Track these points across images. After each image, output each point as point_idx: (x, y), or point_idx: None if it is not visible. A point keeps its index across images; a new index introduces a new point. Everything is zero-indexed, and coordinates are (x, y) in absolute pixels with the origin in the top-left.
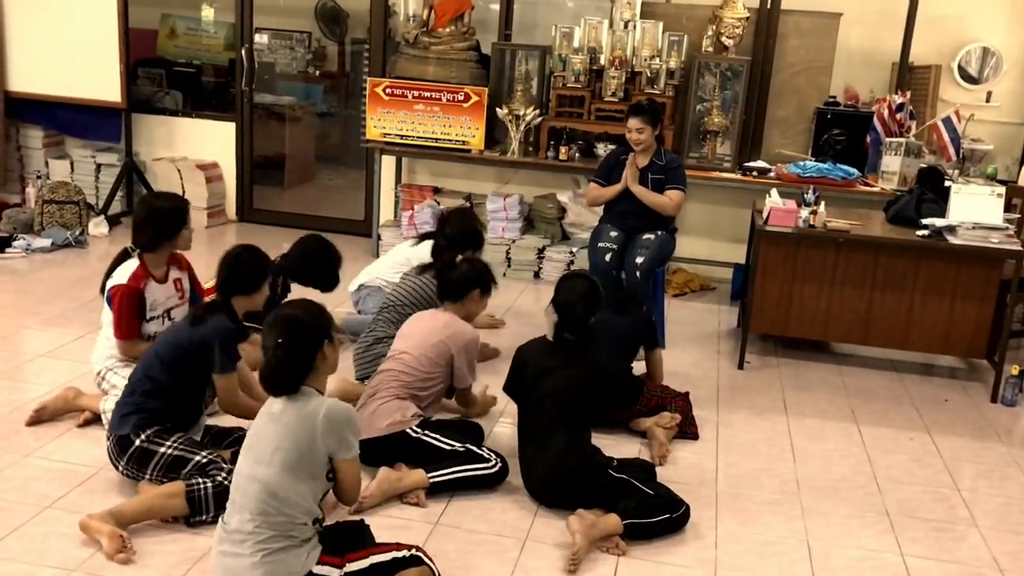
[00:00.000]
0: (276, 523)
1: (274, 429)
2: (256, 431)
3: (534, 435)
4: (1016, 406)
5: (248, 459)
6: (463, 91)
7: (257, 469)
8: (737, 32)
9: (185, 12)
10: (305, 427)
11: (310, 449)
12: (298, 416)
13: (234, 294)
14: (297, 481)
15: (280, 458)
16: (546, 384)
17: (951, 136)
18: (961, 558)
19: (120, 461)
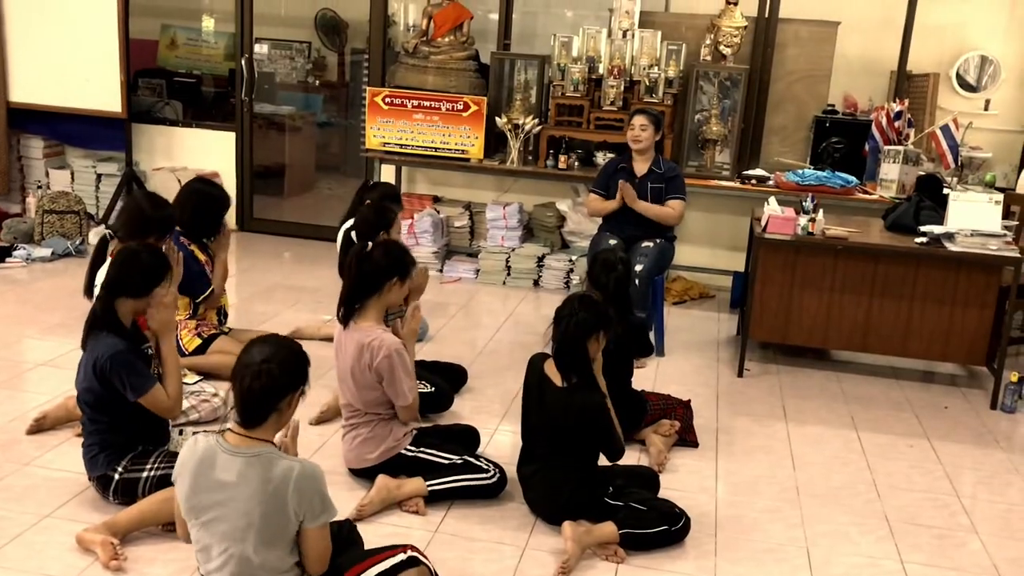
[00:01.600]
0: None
1: (238, 501)
2: (198, 502)
3: (532, 454)
4: (1016, 413)
5: (215, 533)
6: (462, 100)
7: (232, 546)
8: (735, 41)
9: (185, 23)
10: (277, 496)
11: (282, 518)
12: (264, 484)
13: (121, 296)
14: (274, 549)
15: (253, 534)
16: (544, 407)
17: (949, 144)
18: (961, 565)
19: (108, 497)
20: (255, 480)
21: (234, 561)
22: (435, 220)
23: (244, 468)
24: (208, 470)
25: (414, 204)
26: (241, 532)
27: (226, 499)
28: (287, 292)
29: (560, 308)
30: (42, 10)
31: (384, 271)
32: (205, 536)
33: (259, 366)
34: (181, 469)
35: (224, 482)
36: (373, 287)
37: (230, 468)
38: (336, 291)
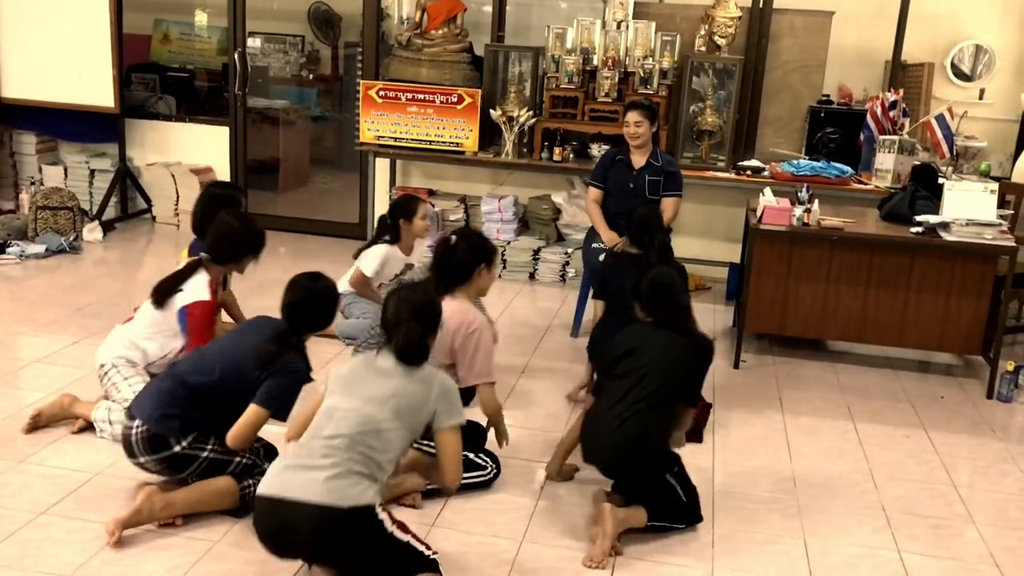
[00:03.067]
0: (365, 454)
1: (386, 382)
2: (355, 379)
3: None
4: (1012, 402)
5: (354, 398)
6: (456, 93)
7: (367, 407)
8: (730, 31)
9: (178, 17)
10: (421, 387)
11: (421, 406)
12: (413, 377)
13: (309, 331)
14: (400, 428)
15: (393, 404)
16: (633, 363)
17: (944, 133)
18: (958, 554)
19: (145, 455)
20: (405, 373)
21: (360, 416)
22: (430, 214)
23: (397, 363)
24: (370, 362)
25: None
26: (382, 399)
27: (377, 380)
28: (282, 286)
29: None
30: (34, 5)
31: (472, 260)
32: (340, 400)
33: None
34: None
35: (383, 368)
36: (463, 277)
37: (387, 361)
38: None
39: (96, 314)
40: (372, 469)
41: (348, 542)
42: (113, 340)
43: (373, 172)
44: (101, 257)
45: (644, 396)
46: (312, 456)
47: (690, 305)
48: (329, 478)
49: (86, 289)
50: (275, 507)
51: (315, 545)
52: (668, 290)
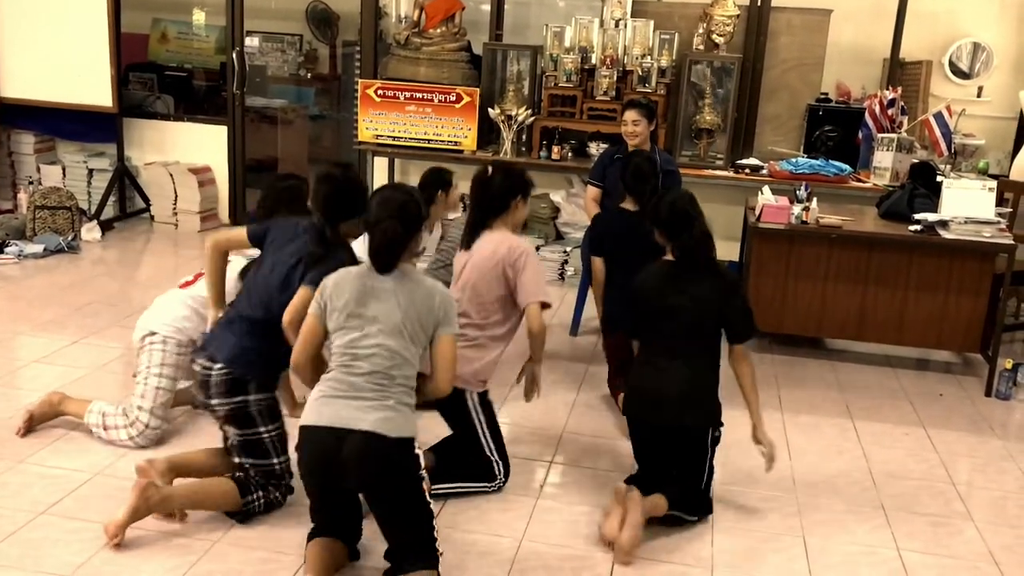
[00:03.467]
0: (402, 384)
1: (392, 305)
2: (363, 305)
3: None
4: (1011, 399)
5: (372, 333)
6: (455, 92)
7: (389, 341)
8: (728, 30)
9: (176, 16)
10: (426, 302)
11: (427, 321)
12: (415, 293)
13: (344, 219)
14: (418, 347)
15: (408, 330)
16: (666, 309)
17: (943, 131)
18: (957, 552)
19: (219, 398)
20: (409, 285)
21: (387, 351)
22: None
23: (399, 278)
24: (368, 281)
25: None
26: (398, 327)
27: (385, 302)
28: None
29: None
30: (32, 5)
31: (509, 191)
32: (354, 336)
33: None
34: (338, 287)
35: (383, 288)
36: (500, 208)
37: (386, 280)
38: None
39: (95, 313)
40: (408, 394)
41: (390, 473)
42: (168, 307)
43: (372, 171)
44: (99, 257)
45: (694, 347)
46: (359, 390)
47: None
48: (378, 410)
49: (84, 289)
50: (327, 435)
51: (362, 473)
52: (688, 214)
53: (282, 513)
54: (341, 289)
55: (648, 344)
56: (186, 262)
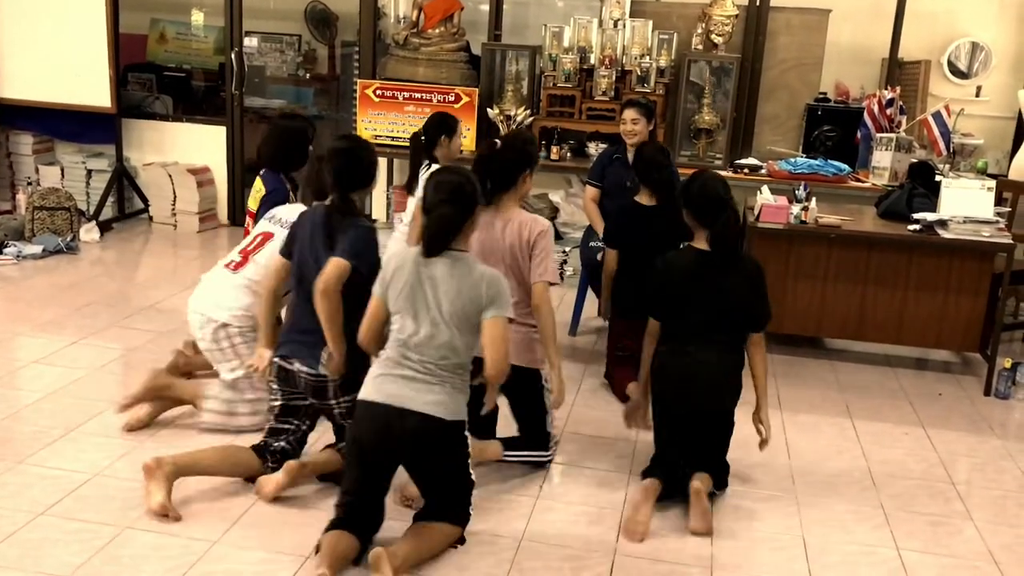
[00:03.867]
0: (451, 370)
1: (444, 292)
2: (414, 296)
3: (687, 349)
4: (1010, 399)
5: (423, 322)
6: (454, 92)
7: (439, 331)
8: (727, 30)
9: (175, 17)
10: (474, 290)
11: (473, 308)
12: (465, 280)
13: (357, 189)
14: (469, 333)
15: (457, 319)
16: (698, 297)
17: (941, 131)
18: (957, 552)
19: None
20: (459, 274)
21: (436, 340)
22: None
23: (451, 266)
24: (422, 268)
25: (406, 197)
26: (444, 317)
27: (435, 292)
28: None
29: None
30: (31, 5)
31: (516, 166)
32: (411, 323)
33: (437, 210)
34: (398, 272)
35: (435, 276)
36: (508, 183)
37: (439, 267)
38: None
39: (94, 314)
40: (462, 378)
41: (441, 452)
42: (229, 293)
43: None
44: (98, 257)
45: (726, 333)
46: (415, 371)
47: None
48: (432, 393)
49: (83, 289)
50: (385, 411)
51: (415, 450)
52: (721, 198)
53: (281, 514)
54: (400, 274)
55: (675, 330)
56: (185, 263)
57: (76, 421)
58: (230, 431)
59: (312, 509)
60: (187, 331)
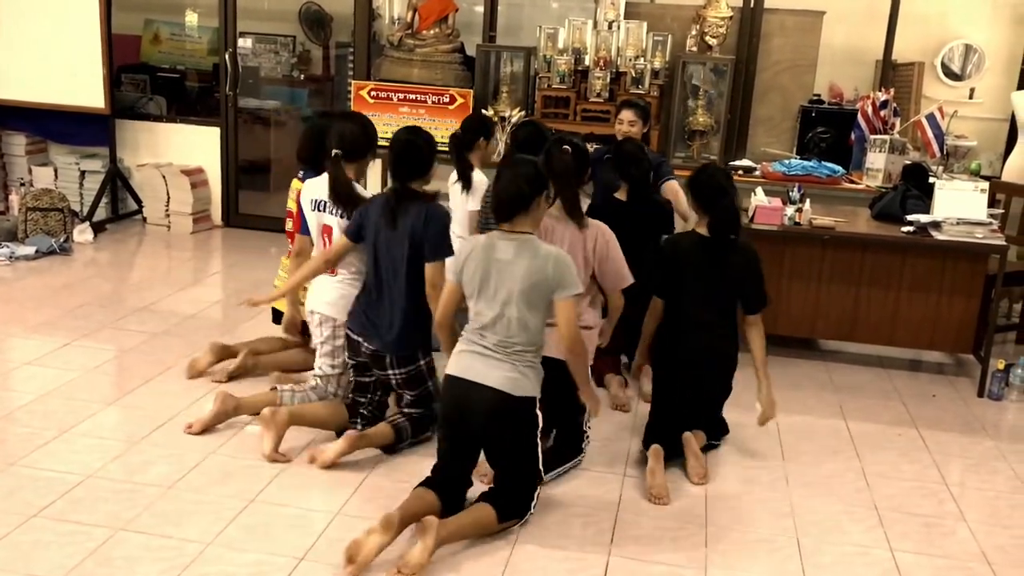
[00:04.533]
0: (526, 349)
1: (511, 275)
2: (486, 279)
3: (702, 322)
4: (1003, 400)
5: (495, 303)
6: (448, 93)
7: (509, 311)
8: (721, 31)
9: (169, 17)
10: (540, 267)
11: (545, 286)
12: (532, 262)
13: (413, 179)
14: (539, 313)
15: (526, 299)
16: (697, 277)
17: (935, 133)
18: (950, 553)
19: (394, 369)
20: (526, 256)
21: (505, 320)
22: None
23: (518, 248)
24: (490, 253)
25: None
26: (514, 297)
27: (504, 274)
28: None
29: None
30: (24, 6)
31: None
32: (484, 306)
33: (511, 178)
34: (471, 258)
35: (502, 260)
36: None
37: (507, 250)
38: None
39: (87, 315)
40: (534, 356)
41: (511, 427)
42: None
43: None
44: (92, 258)
45: (724, 311)
46: (489, 348)
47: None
48: (506, 371)
49: (77, 291)
50: (462, 386)
51: (488, 424)
52: (723, 187)
53: (275, 516)
54: (471, 260)
55: (675, 308)
56: (179, 264)
57: (69, 423)
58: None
59: (306, 511)
60: (180, 332)
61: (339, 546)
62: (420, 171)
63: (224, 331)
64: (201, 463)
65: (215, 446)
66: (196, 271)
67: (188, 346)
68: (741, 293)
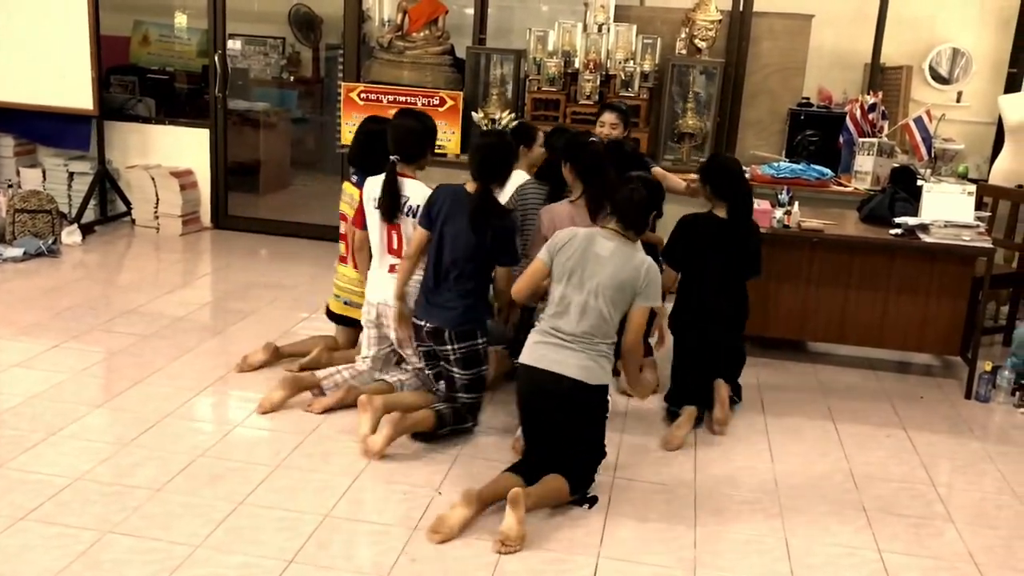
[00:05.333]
0: (601, 340)
1: (605, 269)
2: (579, 267)
3: (697, 295)
4: (990, 402)
5: (583, 291)
6: (438, 95)
7: (595, 302)
8: (710, 35)
9: (158, 19)
10: (632, 272)
11: (628, 289)
12: (628, 263)
13: (497, 181)
14: (616, 309)
15: (611, 295)
16: (714, 254)
17: (923, 136)
18: (938, 553)
19: (452, 344)
20: (622, 257)
21: (589, 309)
22: None
23: (617, 248)
24: (590, 246)
25: None
26: (601, 289)
27: (598, 267)
28: (264, 290)
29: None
30: (12, 7)
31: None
32: (571, 292)
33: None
34: (568, 244)
35: (600, 255)
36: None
37: (606, 247)
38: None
39: (76, 318)
40: (609, 348)
41: (585, 413)
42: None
43: None
44: (80, 260)
45: (729, 281)
46: (566, 339)
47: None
48: (583, 360)
49: (65, 293)
50: (537, 375)
51: (563, 409)
52: (739, 175)
53: (263, 518)
54: (569, 247)
55: (692, 279)
56: (168, 266)
57: (57, 425)
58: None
59: (295, 513)
60: (169, 334)
61: (328, 549)
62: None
63: (214, 333)
64: (189, 465)
65: (204, 448)
66: (185, 273)
67: (177, 348)
68: (748, 264)
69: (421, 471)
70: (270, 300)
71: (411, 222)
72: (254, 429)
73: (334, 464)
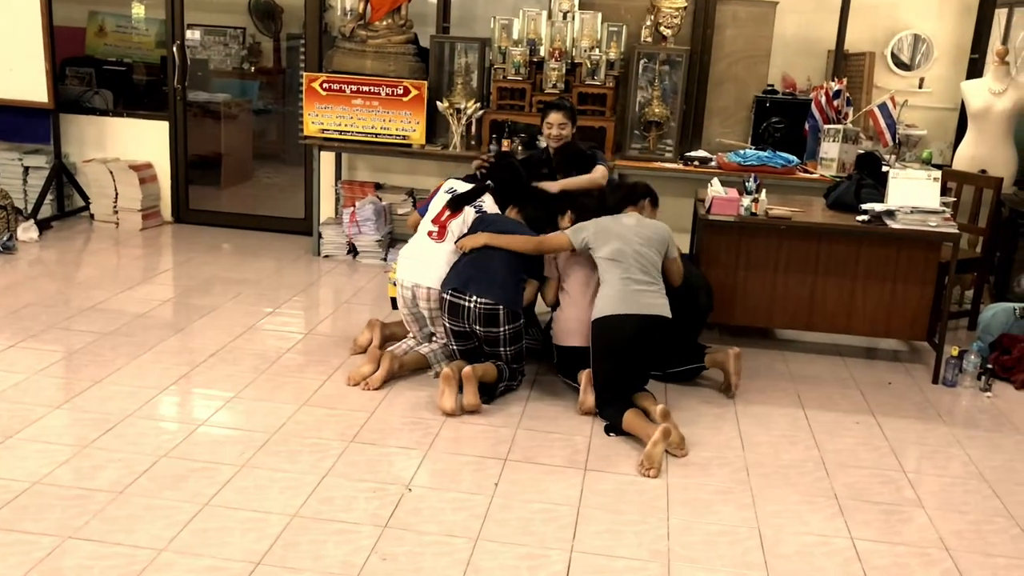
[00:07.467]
0: (657, 279)
1: (637, 231)
2: (614, 231)
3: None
4: (957, 386)
5: (631, 243)
6: (402, 85)
7: (643, 248)
8: (675, 22)
9: (114, 9)
10: (659, 233)
11: (660, 243)
12: (652, 227)
13: (517, 203)
14: (659, 260)
15: (655, 247)
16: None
17: (887, 122)
18: (909, 540)
19: (509, 325)
20: (643, 223)
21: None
22: (377, 208)
23: (638, 219)
24: (616, 221)
25: (355, 192)
26: (645, 242)
27: (632, 230)
28: (226, 285)
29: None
30: None
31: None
32: (622, 245)
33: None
34: (595, 234)
35: (627, 224)
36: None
37: (630, 220)
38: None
39: (32, 316)
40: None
41: (662, 342)
42: (434, 261)
43: (318, 166)
44: (37, 257)
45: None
46: (642, 285)
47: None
48: (661, 298)
49: (22, 290)
50: (632, 319)
51: (649, 342)
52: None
53: (229, 521)
54: (597, 224)
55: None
56: (128, 262)
57: (14, 428)
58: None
59: (261, 514)
60: (129, 331)
61: (296, 550)
62: (525, 194)
63: (176, 330)
64: (152, 467)
65: (167, 448)
66: (146, 269)
67: (137, 346)
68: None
69: (390, 468)
70: (233, 295)
71: (468, 216)
72: (219, 428)
73: (301, 463)
